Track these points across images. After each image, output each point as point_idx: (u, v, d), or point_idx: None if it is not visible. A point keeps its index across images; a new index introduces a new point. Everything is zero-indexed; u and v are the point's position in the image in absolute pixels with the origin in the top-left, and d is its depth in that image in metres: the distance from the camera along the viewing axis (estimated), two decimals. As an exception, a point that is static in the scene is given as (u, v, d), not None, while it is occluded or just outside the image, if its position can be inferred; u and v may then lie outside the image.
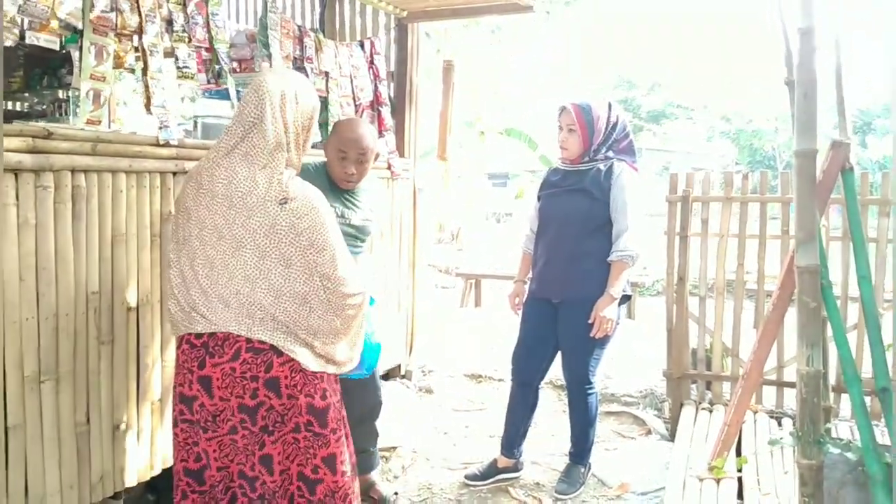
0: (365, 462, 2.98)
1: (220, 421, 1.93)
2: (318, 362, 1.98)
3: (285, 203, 1.88)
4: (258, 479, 1.96)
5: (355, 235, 2.71)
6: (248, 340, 1.90)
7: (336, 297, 1.96)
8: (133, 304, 2.41)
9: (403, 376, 4.39)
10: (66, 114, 5.43)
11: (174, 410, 2.02)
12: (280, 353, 1.92)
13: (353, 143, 2.59)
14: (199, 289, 1.90)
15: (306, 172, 2.65)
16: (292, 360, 1.93)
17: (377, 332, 2.38)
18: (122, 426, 2.40)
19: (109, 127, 4.55)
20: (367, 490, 2.99)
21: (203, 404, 1.93)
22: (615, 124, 2.96)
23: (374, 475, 3.01)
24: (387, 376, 4.26)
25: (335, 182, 2.66)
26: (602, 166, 2.93)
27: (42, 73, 5.78)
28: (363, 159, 2.62)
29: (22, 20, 2.75)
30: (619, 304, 2.94)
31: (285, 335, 1.92)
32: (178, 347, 1.99)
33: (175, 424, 2.01)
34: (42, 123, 2.14)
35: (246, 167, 1.89)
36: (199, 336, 1.92)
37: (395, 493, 3.00)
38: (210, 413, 1.93)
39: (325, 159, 2.70)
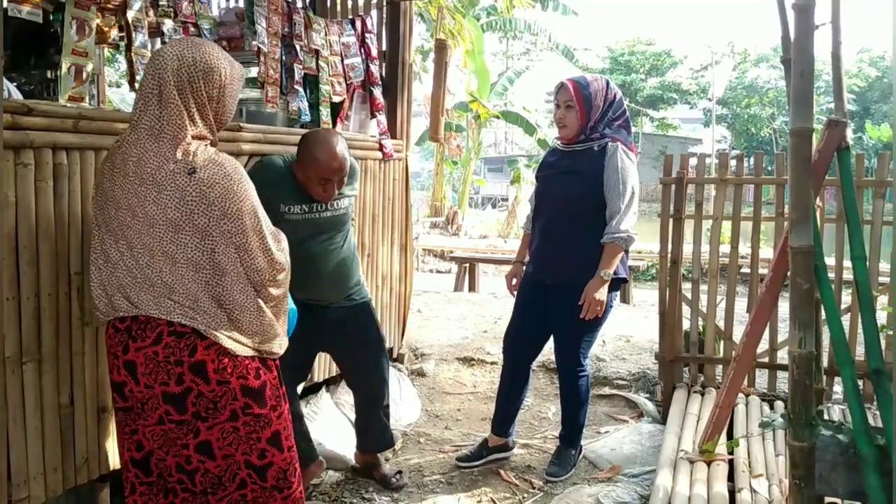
0: (380, 440, 2.97)
1: (148, 409, 1.87)
2: (245, 349, 1.89)
3: (194, 173, 1.79)
4: (198, 471, 1.90)
5: (331, 227, 2.62)
6: (170, 323, 1.82)
7: (253, 272, 1.87)
8: (118, 284, 2.37)
9: (395, 360, 4.37)
10: (53, 94, 5.35)
11: (112, 401, 1.94)
12: (204, 337, 1.84)
13: (337, 171, 2.48)
14: (125, 270, 1.84)
15: (274, 168, 2.54)
16: (217, 342, 1.84)
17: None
18: (108, 408, 2.37)
19: (98, 107, 4.49)
20: (371, 469, 2.98)
21: (132, 390, 1.87)
22: (612, 101, 2.92)
23: (379, 456, 3.01)
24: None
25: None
26: (596, 147, 2.88)
27: (29, 52, 5.69)
28: (343, 179, 2.53)
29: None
30: (614, 289, 2.91)
31: (207, 319, 1.83)
32: (106, 333, 1.93)
33: (115, 414, 1.94)
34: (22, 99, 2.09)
35: (153, 143, 1.81)
36: (122, 320, 1.86)
37: (399, 473, 2.99)
38: (139, 400, 1.87)
39: (295, 160, 2.56)
